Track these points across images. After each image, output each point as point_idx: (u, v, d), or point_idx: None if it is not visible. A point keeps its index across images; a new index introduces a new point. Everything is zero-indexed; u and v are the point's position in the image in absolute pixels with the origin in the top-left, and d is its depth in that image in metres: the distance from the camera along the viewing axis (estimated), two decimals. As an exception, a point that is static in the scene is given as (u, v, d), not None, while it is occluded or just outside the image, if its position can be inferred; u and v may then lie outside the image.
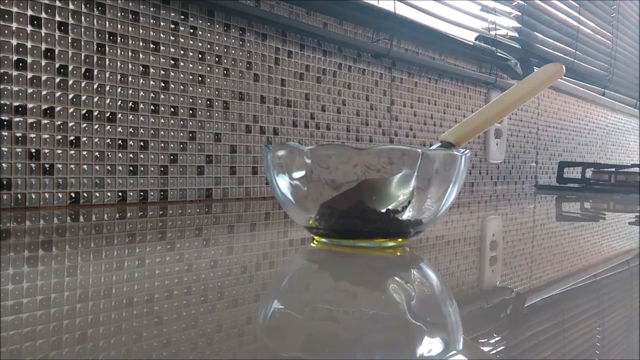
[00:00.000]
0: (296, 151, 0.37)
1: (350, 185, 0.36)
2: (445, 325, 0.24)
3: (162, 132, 0.72)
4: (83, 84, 0.64)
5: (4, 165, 0.58)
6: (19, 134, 0.59)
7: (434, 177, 0.37)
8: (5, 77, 0.58)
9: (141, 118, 0.69)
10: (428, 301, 0.29)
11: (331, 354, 0.20)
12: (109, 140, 0.66)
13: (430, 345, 0.21)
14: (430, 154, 0.36)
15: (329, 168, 0.37)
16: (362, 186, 0.36)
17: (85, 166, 0.64)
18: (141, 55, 0.69)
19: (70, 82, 0.63)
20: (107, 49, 0.66)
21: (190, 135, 0.75)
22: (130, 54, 0.68)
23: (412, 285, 0.32)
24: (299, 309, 0.26)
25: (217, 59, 0.78)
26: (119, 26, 0.67)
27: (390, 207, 0.37)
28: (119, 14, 0.67)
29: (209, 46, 0.77)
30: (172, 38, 0.73)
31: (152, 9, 0.70)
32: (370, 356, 0.20)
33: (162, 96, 0.72)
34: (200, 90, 0.76)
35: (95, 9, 0.65)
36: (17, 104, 0.59)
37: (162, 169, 0.72)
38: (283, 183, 0.39)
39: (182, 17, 0.74)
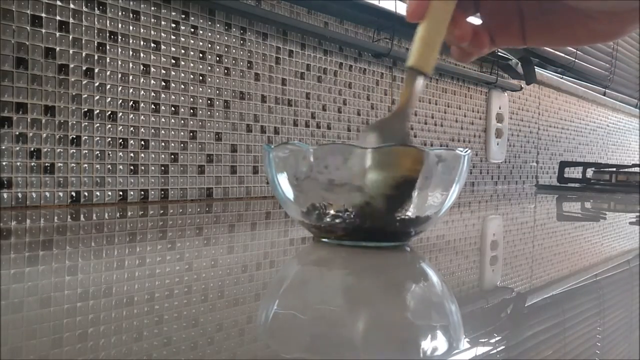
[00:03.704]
0: (297, 150, 0.37)
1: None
2: (446, 325, 0.24)
3: (162, 131, 0.72)
4: (84, 82, 0.64)
5: (4, 163, 0.58)
6: (19, 132, 0.59)
7: (435, 177, 0.37)
8: (7, 77, 0.58)
9: (142, 117, 0.69)
10: (429, 301, 0.29)
11: (332, 354, 0.20)
12: (109, 139, 0.66)
13: (431, 345, 0.21)
14: (433, 154, 0.36)
15: (330, 168, 0.37)
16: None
17: (86, 165, 0.64)
18: (142, 54, 0.69)
19: (72, 80, 0.63)
20: (107, 47, 0.66)
21: (191, 134, 0.75)
22: (131, 53, 0.68)
23: (413, 285, 0.32)
24: (299, 308, 0.26)
25: (217, 58, 0.78)
26: (119, 25, 0.67)
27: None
28: (120, 13, 0.67)
29: (209, 45, 0.77)
30: (172, 37, 0.73)
31: (152, 8, 0.70)
32: (371, 356, 0.20)
33: (162, 95, 0.72)
34: (201, 89, 0.76)
35: (96, 8, 0.65)
36: (17, 101, 0.59)
37: (162, 168, 0.72)
38: (284, 182, 0.39)
39: (183, 16, 0.74)
